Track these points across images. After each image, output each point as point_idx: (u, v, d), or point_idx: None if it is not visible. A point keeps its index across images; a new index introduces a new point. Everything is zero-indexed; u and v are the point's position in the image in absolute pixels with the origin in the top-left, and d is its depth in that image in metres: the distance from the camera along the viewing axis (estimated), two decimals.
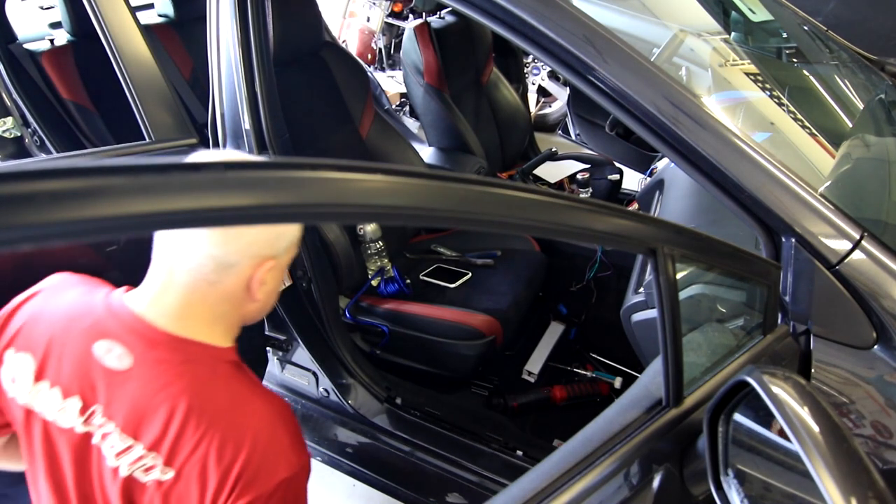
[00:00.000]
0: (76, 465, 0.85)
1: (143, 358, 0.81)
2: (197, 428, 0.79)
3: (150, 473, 0.80)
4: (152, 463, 0.79)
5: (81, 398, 0.82)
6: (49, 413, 0.84)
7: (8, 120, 2.05)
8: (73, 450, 0.84)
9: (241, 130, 1.38)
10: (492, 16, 0.96)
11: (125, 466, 0.80)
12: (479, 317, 1.62)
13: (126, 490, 0.81)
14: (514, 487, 0.70)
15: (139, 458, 0.80)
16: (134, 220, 0.31)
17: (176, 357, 0.81)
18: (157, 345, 0.81)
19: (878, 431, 0.87)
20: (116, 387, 0.81)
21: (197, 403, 0.80)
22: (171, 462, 0.79)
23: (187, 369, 0.81)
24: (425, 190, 0.44)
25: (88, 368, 0.82)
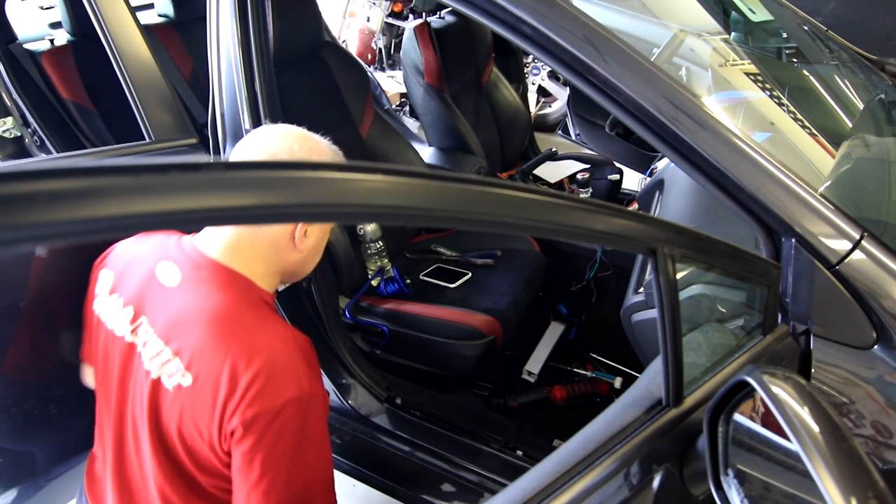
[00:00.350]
0: (121, 371, 0.95)
1: (189, 276, 0.91)
2: (219, 339, 0.84)
3: (173, 378, 0.86)
4: (176, 368, 0.86)
5: (134, 309, 0.93)
6: (110, 322, 0.96)
7: (8, 120, 2.05)
8: (121, 356, 0.94)
9: (241, 130, 1.38)
10: (492, 16, 0.96)
11: (155, 369, 0.88)
12: (479, 317, 1.62)
13: (153, 392, 0.89)
14: (514, 487, 0.70)
15: (166, 362, 0.87)
16: (134, 220, 0.31)
17: (217, 279, 0.90)
18: (203, 268, 0.91)
19: (878, 431, 0.87)
20: (164, 300, 0.91)
21: (224, 319, 0.86)
22: (190, 368, 0.85)
23: (224, 291, 0.89)
24: (425, 190, 0.44)
25: (148, 285, 0.93)
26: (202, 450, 0.87)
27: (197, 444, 0.87)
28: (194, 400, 0.84)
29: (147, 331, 0.91)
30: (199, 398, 0.84)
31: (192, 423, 0.86)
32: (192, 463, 0.90)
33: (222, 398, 0.82)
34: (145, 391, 0.89)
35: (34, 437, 1.31)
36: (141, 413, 0.91)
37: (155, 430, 0.90)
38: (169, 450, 0.91)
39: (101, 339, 0.99)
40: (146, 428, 0.91)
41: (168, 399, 0.87)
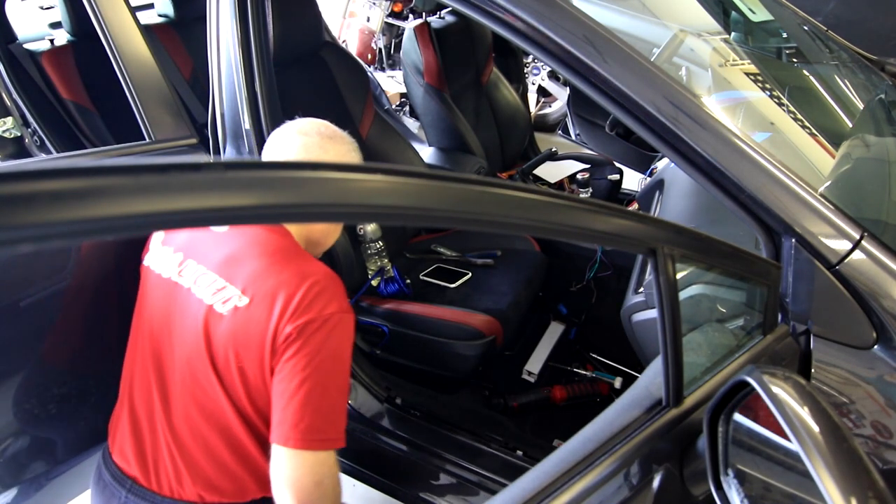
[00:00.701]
0: (166, 309, 1.04)
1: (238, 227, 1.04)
2: (273, 266, 0.98)
3: (229, 302, 0.97)
4: (231, 293, 0.97)
5: (183, 254, 1.05)
6: (158, 267, 1.08)
7: (8, 120, 2.05)
8: (167, 296, 1.05)
9: (241, 130, 1.38)
10: (492, 16, 0.96)
11: (208, 296, 0.99)
12: (479, 317, 1.62)
13: (207, 318, 0.98)
14: (514, 487, 0.70)
15: (221, 289, 0.98)
16: (134, 220, 0.31)
17: (260, 229, 1.03)
18: None
19: (878, 431, 0.87)
20: (215, 244, 1.03)
21: (276, 252, 1.01)
22: (246, 291, 0.96)
23: (272, 235, 1.03)
24: (425, 190, 0.44)
25: (200, 234, 1.06)
26: (251, 369, 0.97)
27: (247, 363, 0.97)
28: (250, 318, 0.95)
29: (196, 269, 1.02)
30: (256, 315, 0.95)
31: (245, 339, 0.96)
32: (242, 384, 0.99)
33: (278, 310, 0.93)
34: (199, 319, 0.99)
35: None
36: (194, 341, 1.00)
37: (208, 353, 0.99)
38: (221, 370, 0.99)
39: (149, 287, 1.09)
40: (203, 353, 0.99)
41: (223, 322, 0.97)
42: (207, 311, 0.98)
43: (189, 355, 1.01)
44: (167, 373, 1.04)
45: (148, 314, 1.09)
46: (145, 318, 1.09)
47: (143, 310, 1.11)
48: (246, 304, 0.95)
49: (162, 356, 1.05)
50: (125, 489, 1.05)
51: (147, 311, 1.09)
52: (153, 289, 1.08)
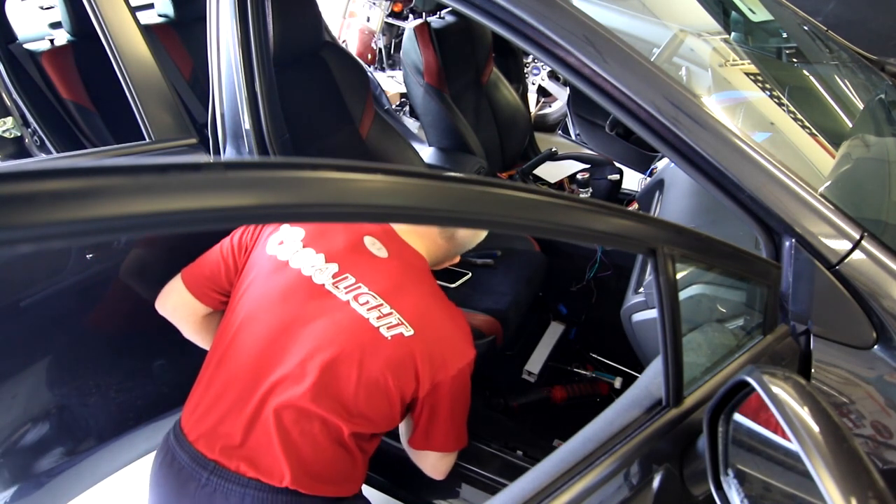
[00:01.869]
0: (304, 308, 1.09)
1: (394, 253, 1.16)
2: (432, 308, 1.11)
3: (394, 329, 1.05)
4: (396, 321, 1.06)
5: (340, 266, 1.11)
6: (305, 269, 1.12)
7: (8, 120, 2.05)
8: (311, 297, 1.09)
9: (241, 130, 1.38)
10: (492, 16, 0.96)
11: (374, 318, 1.06)
12: (479, 317, 1.62)
13: (369, 336, 1.05)
14: (514, 487, 0.70)
15: (387, 315, 1.06)
16: (134, 220, 0.31)
17: (410, 257, 1.17)
18: (402, 247, 1.18)
19: (878, 431, 0.87)
20: (375, 267, 1.12)
21: (427, 291, 1.14)
22: (413, 323, 1.06)
23: (417, 268, 1.17)
24: (425, 190, 0.44)
25: (355, 251, 1.14)
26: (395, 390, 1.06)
27: (394, 385, 1.05)
28: (412, 350, 1.04)
29: (359, 286, 1.09)
30: (418, 350, 1.05)
31: (401, 367, 1.04)
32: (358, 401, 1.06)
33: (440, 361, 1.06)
34: (357, 334, 1.05)
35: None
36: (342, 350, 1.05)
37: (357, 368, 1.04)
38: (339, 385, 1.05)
39: (280, 278, 1.12)
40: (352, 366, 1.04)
41: (385, 346, 1.04)
42: (372, 331, 1.05)
43: (333, 356, 1.04)
44: (295, 361, 1.05)
45: (281, 307, 1.10)
46: (276, 308, 1.10)
47: (268, 299, 1.12)
48: (412, 335, 1.05)
49: (293, 348, 1.07)
50: (207, 471, 1.05)
51: (279, 304, 1.10)
52: (292, 286, 1.11)
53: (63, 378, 1.34)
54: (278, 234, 1.18)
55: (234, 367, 1.10)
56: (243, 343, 1.11)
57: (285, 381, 1.05)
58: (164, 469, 1.12)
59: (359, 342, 1.04)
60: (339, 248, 1.14)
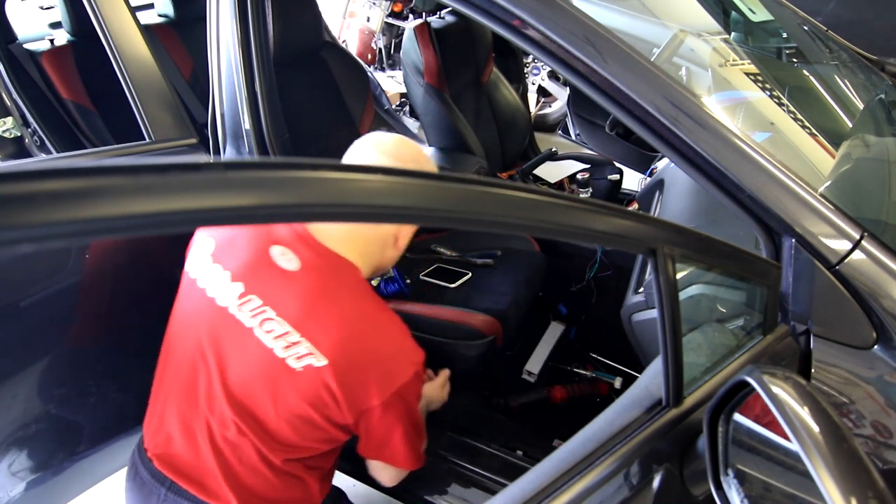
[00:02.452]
0: (213, 336, 1.00)
1: (310, 264, 0.99)
2: (353, 334, 0.96)
3: (304, 360, 0.94)
4: (306, 351, 0.94)
5: (245, 286, 0.99)
6: (210, 289, 1.01)
7: (8, 120, 2.05)
8: (218, 323, 1.00)
9: (241, 130, 1.38)
10: (492, 16, 0.96)
11: (280, 349, 0.95)
12: (479, 317, 1.62)
13: (277, 368, 0.96)
14: (514, 487, 0.70)
15: (294, 344, 0.95)
16: (134, 220, 0.31)
17: (332, 269, 1.00)
18: (322, 256, 1.00)
19: (878, 431, 0.87)
20: (285, 284, 0.98)
21: (347, 311, 0.98)
22: (324, 351, 0.94)
23: (342, 281, 1.01)
24: (425, 190, 0.44)
25: (262, 266, 0.99)
26: (319, 419, 0.98)
27: (318, 415, 0.97)
28: (326, 379, 0.94)
29: (264, 310, 0.97)
30: (338, 378, 0.94)
31: (318, 398, 0.96)
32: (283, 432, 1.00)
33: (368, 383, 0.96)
34: (264, 366, 0.97)
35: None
36: (254, 381, 0.98)
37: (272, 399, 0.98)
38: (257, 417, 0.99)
39: (191, 300, 1.05)
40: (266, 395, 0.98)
41: (295, 378, 0.95)
42: (278, 363, 0.95)
43: (245, 388, 0.99)
44: (214, 391, 1.01)
45: (193, 330, 1.04)
46: (189, 331, 1.05)
47: (184, 320, 1.07)
48: (324, 365, 0.94)
49: (211, 375, 1.01)
50: (164, 487, 1.05)
51: (192, 327, 1.04)
52: (200, 307, 1.03)
53: (63, 378, 1.34)
54: (194, 245, 1.08)
55: (171, 388, 1.08)
56: (172, 366, 1.08)
57: (211, 413, 1.02)
58: (130, 482, 1.12)
59: (268, 377, 0.97)
60: (245, 263, 1.00)
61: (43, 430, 1.34)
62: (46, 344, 1.30)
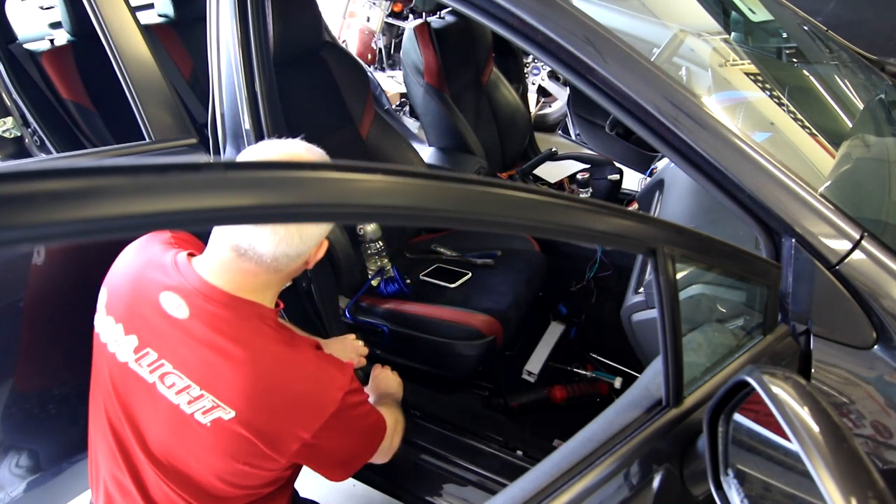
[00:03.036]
0: (121, 395, 0.96)
1: (200, 310, 0.92)
2: (255, 374, 0.89)
3: (210, 414, 0.90)
4: (211, 405, 0.89)
5: (139, 339, 0.93)
6: (111, 345, 0.96)
7: (8, 120, 2.05)
8: (122, 381, 0.95)
9: (241, 130, 1.38)
10: (492, 16, 0.96)
11: (185, 404, 0.91)
12: (479, 317, 1.62)
13: (183, 423, 0.91)
14: (514, 487, 0.70)
15: (198, 398, 0.90)
16: (134, 220, 0.31)
17: (228, 313, 0.92)
18: (214, 301, 0.92)
19: (878, 431, 0.87)
20: (177, 334, 0.91)
21: (249, 357, 0.90)
22: (231, 403, 0.89)
23: (240, 324, 0.92)
24: (425, 190, 0.44)
25: (153, 315, 0.93)
26: (242, 468, 0.94)
27: (237, 465, 0.93)
28: (238, 431, 0.90)
29: (162, 363, 0.92)
30: (247, 426, 0.90)
31: (235, 447, 0.91)
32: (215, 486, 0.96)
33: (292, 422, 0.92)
34: (171, 422, 0.92)
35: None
36: (166, 439, 0.94)
37: (186, 451, 0.94)
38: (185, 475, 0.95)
39: (98, 356, 1.00)
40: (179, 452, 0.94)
41: (205, 432, 0.91)
42: (187, 419, 0.91)
43: (164, 447, 0.95)
44: (135, 453, 0.98)
45: (104, 389, 0.99)
46: (101, 390, 1.00)
47: (95, 378, 1.02)
48: (233, 416, 0.89)
49: (128, 437, 0.97)
50: None
51: (102, 386, 1.00)
52: (105, 363, 0.98)
53: (63, 378, 1.34)
54: (99, 297, 1.02)
55: (98, 450, 1.04)
56: (94, 427, 1.04)
57: (140, 475, 0.98)
58: None
59: (181, 435, 0.92)
60: (135, 313, 0.94)
61: (43, 430, 1.34)
62: (46, 344, 1.29)
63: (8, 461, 1.29)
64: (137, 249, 1.03)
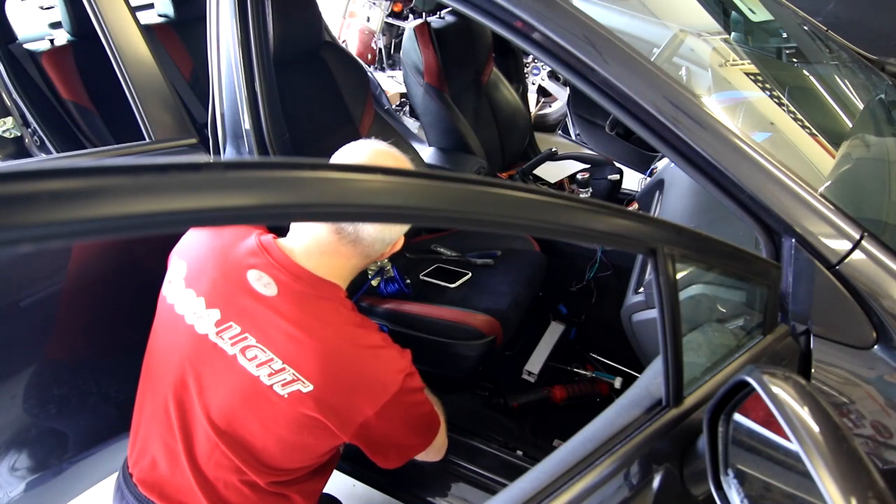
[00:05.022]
0: (195, 364, 0.99)
1: (288, 288, 0.97)
2: (334, 351, 0.95)
3: (290, 386, 0.94)
4: (291, 377, 0.94)
5: (222, 313, 0.97)
6: (188, 316, 0.99)
7: (8, 120, 2.06)
8: (198, 351, 0.98)
9: (241, 130, 1.38)
10: (492, 16, 0.96)
11: (265, 376, 0.95)
12: (479, 317, 1.62)
13: (262, 393, 0.95)
14: (514, 487, 0.70)
15: (279, 371, 0.94)
16: (134, 220, 0.31)
17: (313, 292, 0.98)
18: (301, 280, 0.98)
19: (878, 431, 0.87)
20: (262, 311, 0.96)
21: (329, 334, 0.96)
22: (310, 377, 0.94)
23: (321, 304, 0.98)
24: (425, 190, 0.44)
25: (239, 292, 0.97)
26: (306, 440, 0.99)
27: (303, 436, 0.98)
28: (315, 403, 0.94)
29: (245, 337, 0.96)
30: (326, 400, 0.95)
31: (307, 421, 0.96)
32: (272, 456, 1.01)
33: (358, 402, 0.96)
34: (249, 392, 0.96)
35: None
36: (237, 407, 0.98)
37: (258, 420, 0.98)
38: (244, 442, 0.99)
39: (169, 325, 1.03)
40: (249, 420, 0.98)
41: (282, 404, 0.95)
42: (265, 390, 0.95)
43: (230, 415, 0.98)
44: (197, 417, 1.01)
45: (174, 357, 1.02)
46: (170, 357, 1.03)
47: (164, 346, 1.05)
48: (311, 390, 0.94)
49: (193, 402, 1.01)
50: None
51: (171, 353, 1.03)
52: (179, 334, 1.01)
53: (63, 378, 1.34)
54: (170, 268, 1.06)
55: (153, 415, 1.06)
56: (152, 393, 1.07)
57: (195, 439, 1.01)
58: (115, 497, 1.13)
59: (255, 404, 0.97)
60: (220, 289, 0.98)
61: (42, 430, 1.34)
62: (46, 344, 1.30)
63: (8, 461, 1.29)
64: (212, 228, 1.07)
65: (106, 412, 1.43)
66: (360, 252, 1.01)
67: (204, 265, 1.01)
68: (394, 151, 1.08)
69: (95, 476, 1.49)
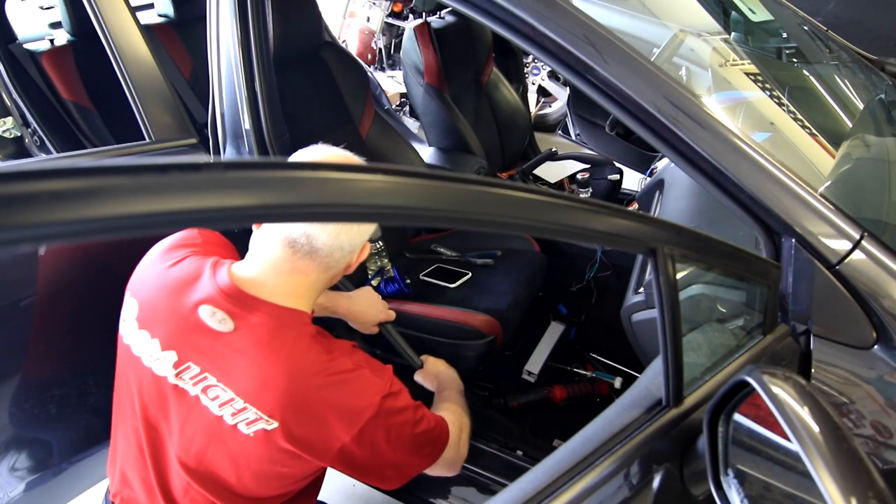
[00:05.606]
0: (158, 407, 0.96)
1: (244, 322, 0.92)
2: (297, 384, 0.90)
3: (254, 425, 0.90)
4: (255, 416, 0.90)
5: (178, 354, 0.93)
6: (145, 358, 0.95)
7: (8, 120, 2.06)
8: (159, 393, 0.95)
9: (241, 130, 1.38)
10: (492, 16, 0.96)
11: (228, 416, 0.91)
12: (479, 317, 1.62)
13: (226, 434, 0.92)
14: (514, 487, 0.70)
15: (241, 410, 0.90)
16: (134, 220, 0.31)
17: (271, 322, 0.92)
18: (257, 312, 0.92)
19: (878, 431, 0.87)
20: (219, 349, 0.91)
21: (290, 367, 0.90)
22: (274, 415, 0.89)
23: (281, 335, 0.92)
24: (425, 190, 0.44)
25: (192, 330, 0.92)
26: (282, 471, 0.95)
27: (278, 469, 0.94)
28: (279, 442, 0.90)
29: (205, 377, 0.92)
30: (290, 436, 0.90)
31: (279, 457, 0.92)
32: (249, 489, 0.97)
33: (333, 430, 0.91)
34: (213, 433, 0.93)
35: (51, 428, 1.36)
36: (204, 448, 0.95)
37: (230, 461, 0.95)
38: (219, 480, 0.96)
39: (129, 365, 0.99)
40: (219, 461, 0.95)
41: (248, 442, 0.91)
42: (230, 430, 0.92)
43: (201, 455, 0.95)
44: (170, 458, 0.99)
45: (139, 399, 0.99)
46: (132, 398, 1.00)
47: (127, 388, 1.01)
48: (275, 427, 0.90)
49: (165, 444, 0.99)
50: None
51: (136, 397, 0.99)
52: (140, 376, 0.97)
53: (63, 378, 1.34)
54: (124, 305, 1.01)
55: (127, 449, 1.04)
56: (124, 428, 1.04)
57: (170, 477, 1.00)
58: None
59: (221, 444, 0.93)
60: (174, 329, 0.94)
61: (42, 430, 1.34)
62: (46, 344, 1.30)
63: (8, 461, 1.29)
64: (163, 257, 1.01)
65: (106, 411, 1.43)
66: (318, 265, 0.93)
67: (155, 304, 0.96)
68: (349, 155, 1.03)
69: (95, 476, 1.49)
